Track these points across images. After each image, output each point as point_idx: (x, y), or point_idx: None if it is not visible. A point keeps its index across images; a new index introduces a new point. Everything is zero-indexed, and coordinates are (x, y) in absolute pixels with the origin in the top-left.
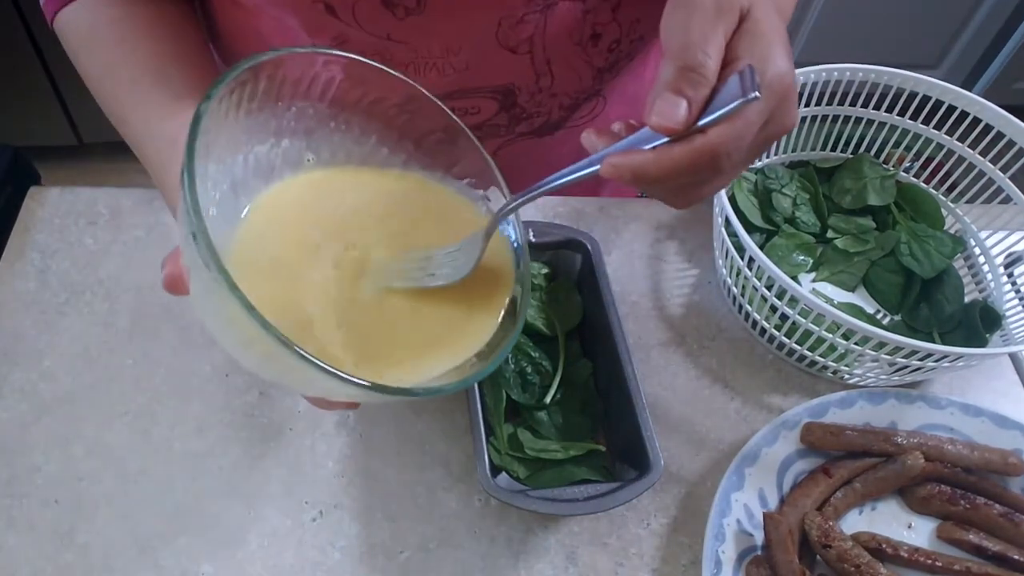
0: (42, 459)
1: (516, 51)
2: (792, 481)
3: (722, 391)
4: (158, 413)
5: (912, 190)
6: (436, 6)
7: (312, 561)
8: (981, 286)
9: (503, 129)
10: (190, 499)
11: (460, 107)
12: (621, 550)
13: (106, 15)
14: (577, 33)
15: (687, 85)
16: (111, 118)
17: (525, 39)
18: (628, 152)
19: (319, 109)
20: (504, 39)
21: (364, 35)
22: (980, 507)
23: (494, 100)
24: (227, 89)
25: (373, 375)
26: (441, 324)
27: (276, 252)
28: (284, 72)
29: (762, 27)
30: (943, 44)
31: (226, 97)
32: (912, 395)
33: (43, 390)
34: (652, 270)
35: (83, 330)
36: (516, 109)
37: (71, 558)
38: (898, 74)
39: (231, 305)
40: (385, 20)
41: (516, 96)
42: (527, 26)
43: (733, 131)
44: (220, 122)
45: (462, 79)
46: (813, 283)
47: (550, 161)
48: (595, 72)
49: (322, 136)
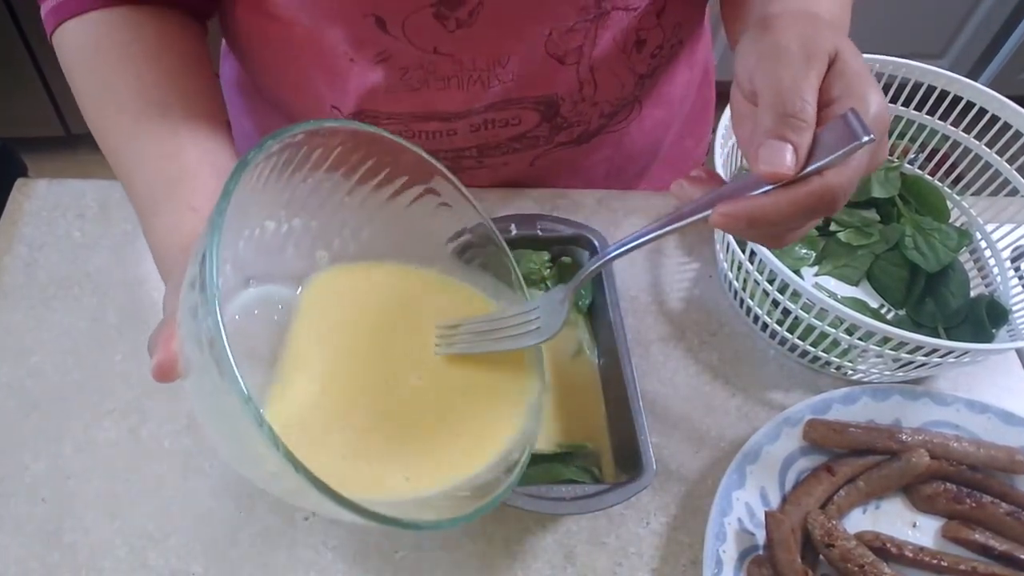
0: (29, 457)
1: (564, 61)
2: (794, 479)
3: (723, 387)
4: (148, 410)
5: (917, 182)
6: (487, 18)
7: (305, 561)
8: (987, 280)
9: (543, 140)
10: (180, 497)
11: (501, 119)
12: (620, 549)
13: (113, 37)
14: (622, 40)
15: (790, 131)
16: (100, 140)
17: (575, 48)
18: (740, 199)
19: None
20: (553, 49)
21: (411, 49)
22: (986, 506)
23: (536, 111)
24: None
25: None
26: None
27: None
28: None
29: (853, 67)
30: (948, 33)
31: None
32: (917, 391)
33: (30, 386)
34: (652, 264)
35: (71, 325)
36: (558, 119)
37: (58, 557)
38: (902, 64)
39: (260, 446)
40: (434, 33)
41: (559, 106)
42: (577, 35)
43: (849, 173)
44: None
45: (506, 90)
46: (816, 277)
47: (584, 168)
48: (637, 79)
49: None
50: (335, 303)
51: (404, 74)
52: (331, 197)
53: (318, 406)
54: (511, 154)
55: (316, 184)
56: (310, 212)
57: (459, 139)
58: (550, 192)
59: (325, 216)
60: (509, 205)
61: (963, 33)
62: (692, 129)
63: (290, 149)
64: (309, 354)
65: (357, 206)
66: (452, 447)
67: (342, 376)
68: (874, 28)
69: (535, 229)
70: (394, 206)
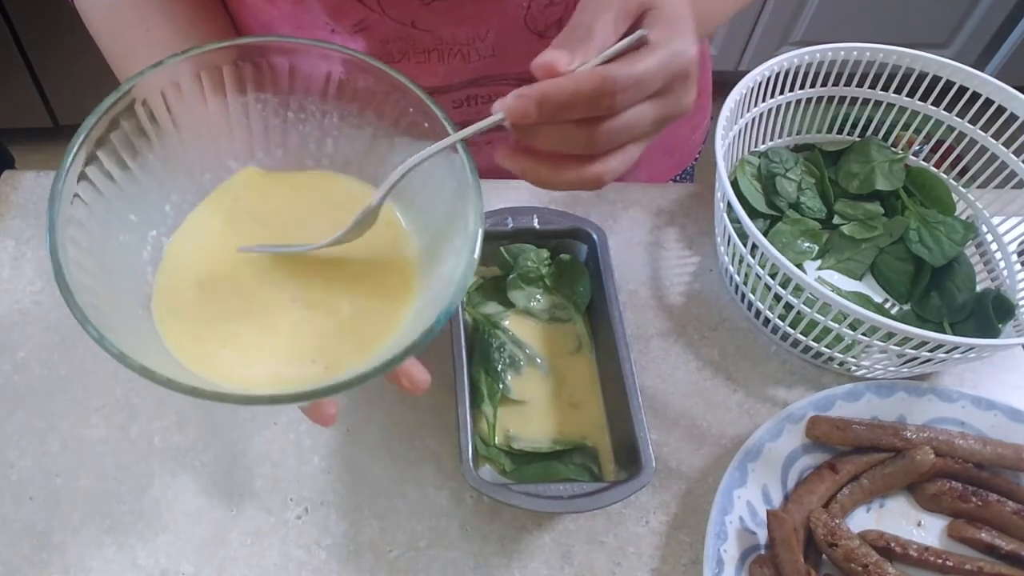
0: (16, 454)
1: (544, 35)
2: (797, 477)
3: (724, 383)
4: (137, 406)
5: (922, 174)
6: None
7: (297, 560)
8: (993, 274)
9: None
10: (170, 496)
11: (483, 95)
12: (619, 549)
13: None
14: None
15: (570, 40)
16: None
17: (554, 22)
18: (531, 86)
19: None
20: (532, 23)
21: (388, 21)
22: (992, 504)
23: (518, 87)
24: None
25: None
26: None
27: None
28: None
29: (668, 13)
30: (954, 22)
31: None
32: (922, 388)
33: (17, 382)
34: (651, 257)
35: (59, 320)
36: None
37: (47, 557)
38: (907, 53)
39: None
40: (411, 6)
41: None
42: (556, 8)
43: (629, 68)
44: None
45: (487, 66)
46: (819, 271)
47: None
48: None
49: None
50: (242, 200)
51: (384, 45)
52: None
53: (210, 300)
54: (495, 131)
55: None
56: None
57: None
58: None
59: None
60: (504, 197)
61: (968, 22)
62: (688, 117)
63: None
64: (206, 240)
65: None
66: (357, 328)
67: (235, 268)
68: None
69: (532, 222)
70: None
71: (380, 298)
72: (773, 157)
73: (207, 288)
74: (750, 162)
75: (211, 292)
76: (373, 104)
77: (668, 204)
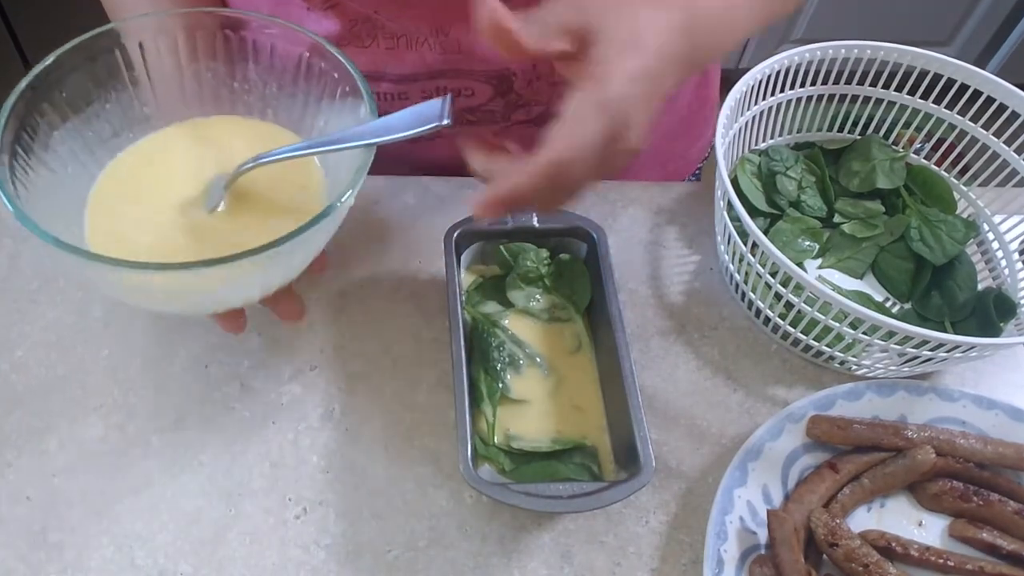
0: (13, 454)
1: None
2: (797, 477)
3: (724, 383)
4: (135, 406)
5: (923, 173)
6: None
7: (296, 560)
8: (995, 273)
9: (498, 115)
10: (168, 496)
11: (454, 87)
12: (619, 548)
13: None
14: None
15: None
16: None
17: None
18: (489, 188)
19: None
20: None
21: (355, 5)
22: (994, 504)
23: (489, 84)
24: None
25: None
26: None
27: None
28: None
29: (615, 41)
30: (955, 20)
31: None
32: (923, 387)
33: (15, 382)
34: (651, 256)
35: (56, 319)
36: (512, 95)
37: (44, 557)
38: (908, 51)
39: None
40: None
41: (512, 82)
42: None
43: (570, 141)
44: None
45: (455, 60)
46: (819, 270)
47: None
48: None
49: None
50: (171, 143)
51: (353, 26)
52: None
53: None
54: (466, 125)
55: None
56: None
57: (412, 105)
58: None
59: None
60: None
61: (970, 20)
62: (686, 130)
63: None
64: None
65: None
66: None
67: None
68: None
69: (531, 221)
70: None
71: (292, 211)
72: (774, 155)
73: (134, 197)
74: (750, 160)
75: (136, 201)
76: (317, 80)
77: (668, 203)
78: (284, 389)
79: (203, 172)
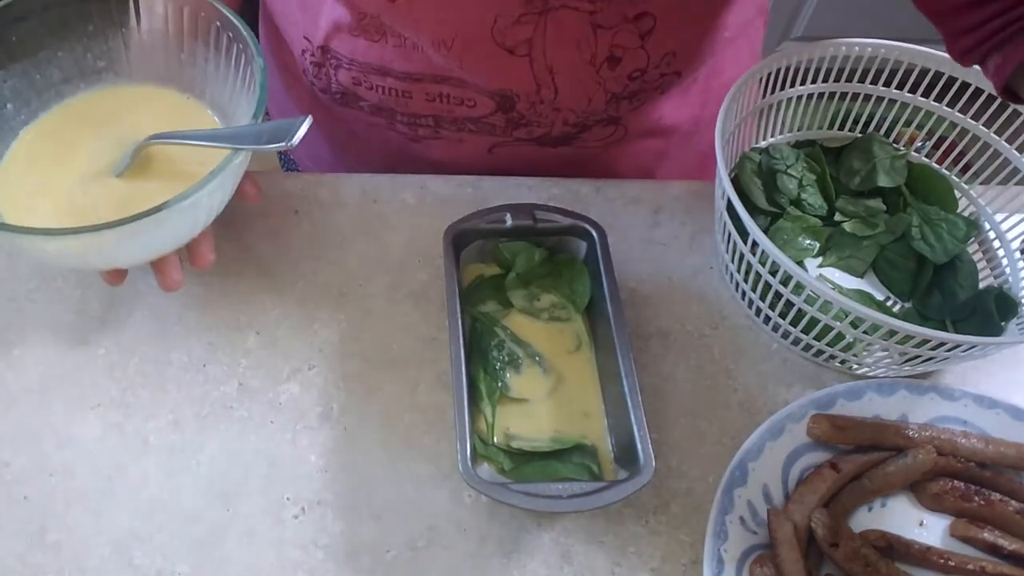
0: (10, 454)
1: (514, 52)
2: (798, 476)
3: (724, 382)
4: (132, 405)
5: (924, 171)
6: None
7: (294, 561)
8: (996, 272)
9: (499, 129)
10: (166, 495)
11: (456, 96)
12: (618, 548)
13: None
14: (588, 49)
15: None
16: None
17: (523, 41)
18: None
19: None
20: (501, 38)
21: (360, 2)
22: (995, 503)
23: (492, 99)
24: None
25: None
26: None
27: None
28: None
29: None
30: None
31: None
32: (924, 386)
33: (11, 381)
34: (651, 255)
35: (54, 317)
36: (514, 114)
37: (41, 557)
38: (909, 49)
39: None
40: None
41: (515, 102)
42: (525, 27)
43: None
44: None
45: (458, 71)
46: (820, 268)
47: (549, 168)
48: (609, 96)
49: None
50: (79, 115)
51: (362, 19)
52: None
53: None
54: (467, 133)
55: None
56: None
57: (415, 104)
58: (545, 180)
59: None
60: (503, 194)
61: None
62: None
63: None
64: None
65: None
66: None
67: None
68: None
69: (531, 219)
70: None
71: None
72: (774, 153)
73: (40, 165)
74: (751, 158)
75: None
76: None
77: (668, 201)
78: (282, 388)
79: (110, 141)
